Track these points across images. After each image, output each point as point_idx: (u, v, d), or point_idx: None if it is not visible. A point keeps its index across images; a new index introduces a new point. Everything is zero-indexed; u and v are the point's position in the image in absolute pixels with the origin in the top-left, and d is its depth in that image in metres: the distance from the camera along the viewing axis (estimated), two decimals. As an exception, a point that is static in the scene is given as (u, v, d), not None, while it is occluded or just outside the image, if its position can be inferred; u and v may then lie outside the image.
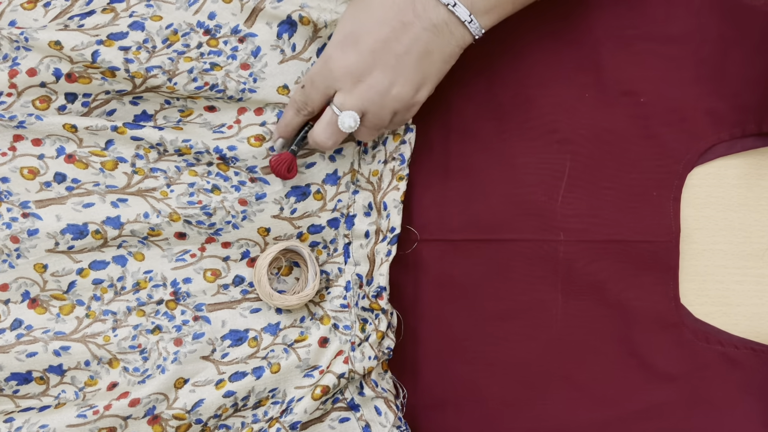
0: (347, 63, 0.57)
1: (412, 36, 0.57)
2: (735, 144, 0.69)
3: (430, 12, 0.56)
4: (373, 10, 0.56)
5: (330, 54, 0.57)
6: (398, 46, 0.57)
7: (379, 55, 0.57)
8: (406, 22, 0.56)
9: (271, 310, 0.65)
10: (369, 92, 0.58)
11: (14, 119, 0.62)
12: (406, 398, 0.68)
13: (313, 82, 0.59)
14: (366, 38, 0.56)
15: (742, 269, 0.70)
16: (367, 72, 0.57)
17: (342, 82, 0.58)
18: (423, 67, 0.58)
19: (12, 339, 0.62)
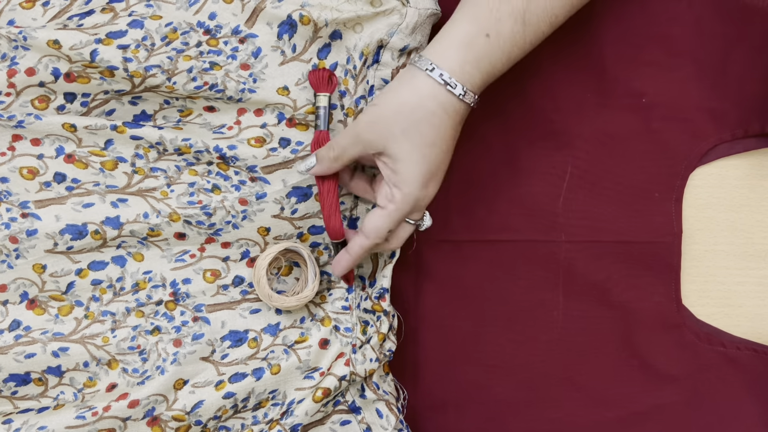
0: (433, 194, 0.61)
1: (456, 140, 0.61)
2: (737, 144, 0.69)
3: (466, 114, 0.60)
4: (437, 144, 0.59)
5: (416, 196, 0.60)
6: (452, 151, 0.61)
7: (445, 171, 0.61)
8: (457, 136, 0.61)
9: (270, 310, 0.65)
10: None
11: (13, 119, 0.61)
12: (407, 400, 0.67)
13: (400, 220, 0.61)
14: (440, 169, 0.60)
15: (744, 270, 0.70)
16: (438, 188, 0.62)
17: (423, 206, 0.62)
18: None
19: (10, 340, 0.62)
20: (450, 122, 0.58)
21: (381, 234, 0.60)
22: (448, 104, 0.58)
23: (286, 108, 0.63)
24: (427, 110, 0.58)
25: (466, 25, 0.58)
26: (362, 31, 0.64)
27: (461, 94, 0.58)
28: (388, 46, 0.64)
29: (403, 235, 0.62)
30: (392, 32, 0.63)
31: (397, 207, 0.59)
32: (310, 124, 0.64)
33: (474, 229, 0.68)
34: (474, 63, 0.58)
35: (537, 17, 0.58)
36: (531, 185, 0.68)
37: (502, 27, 0.57)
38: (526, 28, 0.58)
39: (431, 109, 0.58)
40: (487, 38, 0.58)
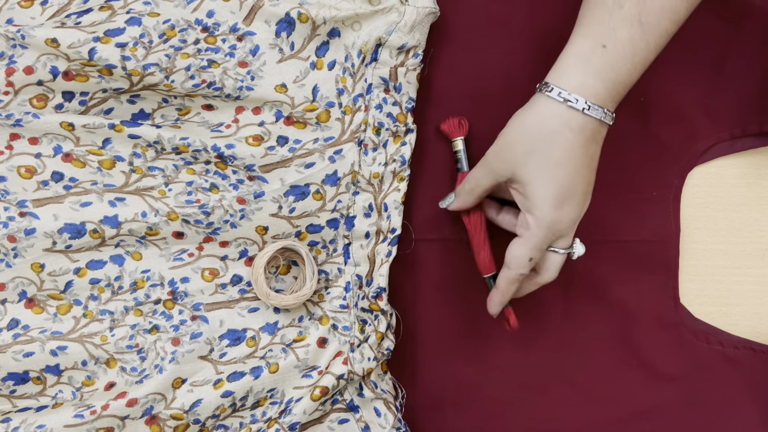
0: (572, 218, 0.58)
1: (597, 160, 0.59)
2: (735, 143, 0.69)
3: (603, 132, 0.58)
4: (564, 163, 0.56)
5: (552, 219, 0.57)
6: (594, 175, 0.59)
7: (588, 192, 0.59)
8: (593, 155, 0.58)
9: (269, 309, 0.65)
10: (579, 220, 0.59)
11: (11, 117, 0.61)
12: (405, 398, 0.67)
13: (541, 249, 0.58)
14: (577, 189, 0.57)
15: (742, 269, 0.70)
16: (583, 211, 0.59)
17: (566, 232, 0.59)
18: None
19: (9, 339, 0.62)
20: (578, 140, 0.56)
21: (521, 263, 0.58)
22: (572, 121, 0.55)
23: (284, 106, 0.63)
24: (551, 130, 0.56)
25: (581, 41, 0.56)
26: (361, 29, 0.64)
27: (584, 108, 0.55)
28: (386, 44, 0.64)
29: (551, 267, 0.60)
30: (391, 30, 0.63)
31: (532, 233, 0.57)
32: (308, 122, 0.64)
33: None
34: (595, 75, 0.55)
35: (655, 16, 0.55)
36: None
37: (618, 34, 0.55)
38: (644, 28, 0.55)
39: (554, 128, 0.56)
40: (604, 49, 0.55)
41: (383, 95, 0.65)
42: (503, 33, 0.67)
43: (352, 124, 0.64)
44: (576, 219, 0.58)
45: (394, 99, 0.65)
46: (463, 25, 0.67)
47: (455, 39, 0.67)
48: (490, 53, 0.67)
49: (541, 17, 0.68)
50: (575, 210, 0.58)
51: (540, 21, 0.68)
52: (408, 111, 0.65)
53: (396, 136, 0.65)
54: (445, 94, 0.67)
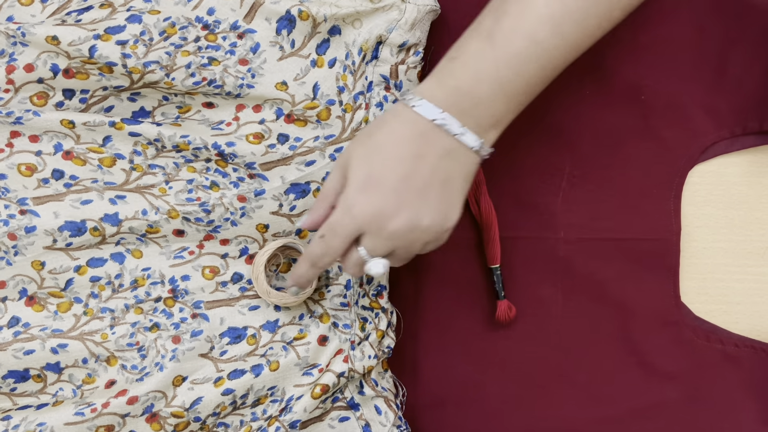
0: (372, 207, 0.55)
1: (429, 167, 0.55)
2: (736, 142, 0.69)
3: (442, 140, 0.55)
4: (384, 150, 0.55)
5: (351, 201, 0.55)
6: (419, 179, 0.55)
7: (403, 193, 0.55)
8: (420, 155, 0.55)
9: (269, 307, 0.65)
10: (398, 233, 0.56)
11: (11, 115, 0.61)
12: (406, 397, 0.67)
13: (335, 231, 0.56)
14: (386, 178, 0.55)
15: (743, 267, 0.70)
16: (394, 212, 0.55)
17: (368, 226, 0.55)
18: (447, 193, 0.56)
19: (9, 336, 0.62)
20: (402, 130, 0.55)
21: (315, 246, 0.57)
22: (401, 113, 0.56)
23: (284, 104, 0.63)
24: (382, 120, 0.57)
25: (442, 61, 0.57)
26: (361, 26, 0.64)
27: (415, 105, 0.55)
28: (387, 42, 0.64)
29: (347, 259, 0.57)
30: (391, 28, 0.63)
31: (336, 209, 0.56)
32: (308, 120, 0.64)
33: (472, 226, 0.68)
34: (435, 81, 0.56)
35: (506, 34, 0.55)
36: (530, 182, 0.68)
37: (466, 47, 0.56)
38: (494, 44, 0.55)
39: (385, 119, 0.57)
40: (452, 60, 0.56)
41: (384, 93, 0.64)
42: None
43: (352, 122, 0.64)
44: (379, 215, 0.55)
45: (395, 97, 0.65)
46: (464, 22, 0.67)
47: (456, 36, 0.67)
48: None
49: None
50: (378, 202, 0.55)
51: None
52: (408, 109, 0.65)
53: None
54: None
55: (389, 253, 0.57)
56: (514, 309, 0.67)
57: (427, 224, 0.56)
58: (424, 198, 0.55)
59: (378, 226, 0.55)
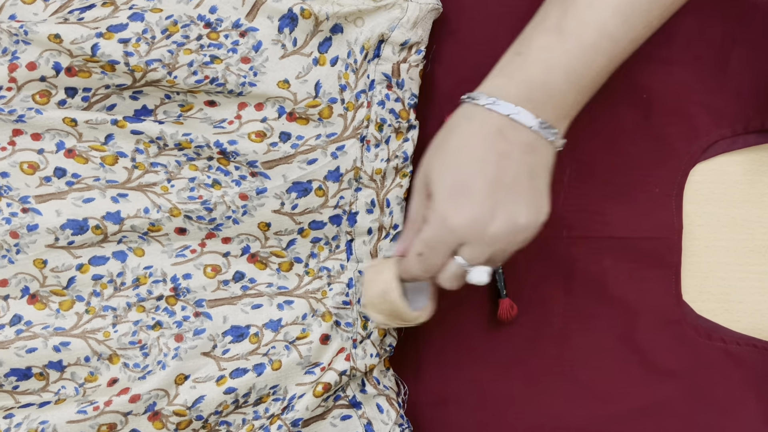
0: (468, 215, 0.53)
1: (515, 163, 0.54)
2: (737, 140, 0.69)
3: (521, 135, 0.54)
4: (464, 154, 0.54)
5: (444, 213, 0.53)
6: (507, 178, 0.54)
7: (495, 195, 0.53)
8: (503, 152, 0.54)
9: (272, 306, 0.65)
10: (498, 236, 0.54)
11: (14, 113, 0.61)
12: (408, 395, 0.67)
13: (433, 247, 0.55)
14: (474, 182, 0.53)
15: (745, 266, 0.70)
16: (490, 216, 0.53)
17: (467, 235, 0.54)
18: (535, 187, 0.55)
19: (11, 335, 0.62)
20: (477, 129, 0.54)
21: (410, 255, 0.56)
22: (473, 114, 0.55)
23: (286, 102, 0.63)
24: (454, 124, 0.56)
25: (505, 55, 0.57)
26: (363, 25, 0.64)
27: (487, 103, 0.55)
28: (389, 40, 0.64)
29: (445, 272, 0.56)
30: (393, 26, 0.63)
31: (427, 224, 0.54)
32: (310, 118, 0.64)
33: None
34: (504, 76, 0.56)
35: (576, 27, 0.55)
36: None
37: (533, 42, 0.56)
38: (563, 37, 0.55)
39: (457, 122, 0.56)
40: (518, 55, 0.56)
41: (386, 91, 0.65)
42: (506, 29, 0.67)
43: (354, 120, 0.64)
44: (478, 222, 0.53)
45: (397, 95, 0.65)
46: (466, 21, 0.67)
47: (458, 35, 0.67)
48: (493, 49, 0.67)
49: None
50: (474, 210, 0.53)
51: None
52: (410, 107, 0.65)
53: (398, 133, 0.65)
54: (448, 91, 0.67)
55: (488, 258, 0.56)
56: (515, 307, 0.67)
57: (524, 222, 0.55)
58: (516, 195, 0.54)
59: (477, 234, 0.54)
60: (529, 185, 0.55)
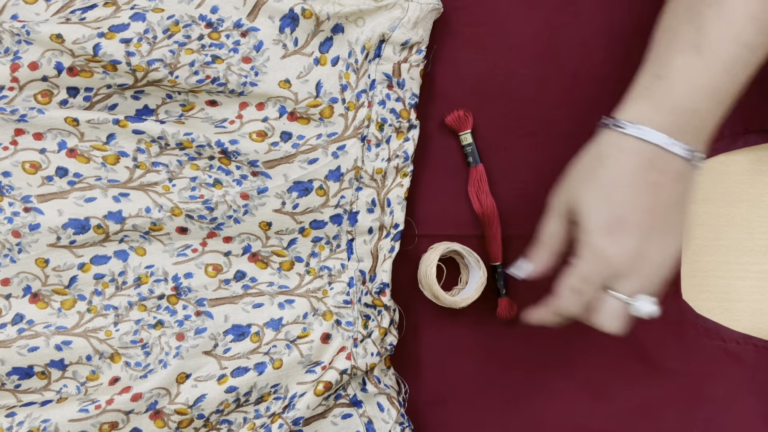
0: (627, 249, 0.52)
1: (667, 193, 0.53)
2: (737, 140, 0.69)
3: (673, 164, 0.53)
4: (618, 186, 0.53)
5: (601, 247, 0.52)
6: (661, 209, 0.53)
7: (651, 227, 0.53)
8: (656, 183, 0.53)
9: (273, 305, 0.65)
10: (654, 266, 0.53)
11: (16, 113, 0.62)
12: (408, 394, 0.68)
13: (590, 281, 0.53)
14: (631, 216, 0.52)
15: (744, 265, 0.70)
16: (646, 248, 0.53)
17: (627, 269, 0.53)
18: (684, 213, 0.55)
19: (13, 333, 0.62)
20: (630, 161, 0.53)
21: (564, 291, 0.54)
22: (624, 144, 0.53)
23: (287, 101, 0.63)
24: (604, 155, 0.53)
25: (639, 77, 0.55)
26: (364, 24, 0.64)
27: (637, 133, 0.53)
28: (389, 40, 0.64)
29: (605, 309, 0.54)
30: (394, 26, 0.64)
31: (580, 259, 0.53)
32: (311, 118, 0.64)
33: (475, 224, 0.68)
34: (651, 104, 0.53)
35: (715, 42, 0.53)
36: (533, 180, 0.68)
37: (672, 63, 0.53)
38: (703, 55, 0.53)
39: (607, 153, 0.53)
40: (658, 78, 0.54)
41: (386, 91, 0.65)
42: (507, 29, 0.68)
43: (355, 120, 0.64)
44: (635, 255, 0.52)
45: (398, 95, 0.65)
46: (467, 20, 0.68)
47: (459, 35, 0.68)
48: (494, 49, 0.68)
49: (545, 12, 0.68)
50: (632, 242, 0.52)
51: (543, 16, 0.68)
52: (411, 107, 0.65)
53: (399, 132, 0.65)
54: (449, 90, 0.67)
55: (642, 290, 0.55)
56: (515, 306, 0.68)
57: (677, 248, 0.54)
58: (669, 224, 0.54)
59: (635, 266, 0.53)
60: (679, 212, 0.54)
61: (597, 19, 0.68)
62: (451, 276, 0.68)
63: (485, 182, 0.67)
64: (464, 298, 0.65)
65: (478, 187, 0.67)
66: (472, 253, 0.66)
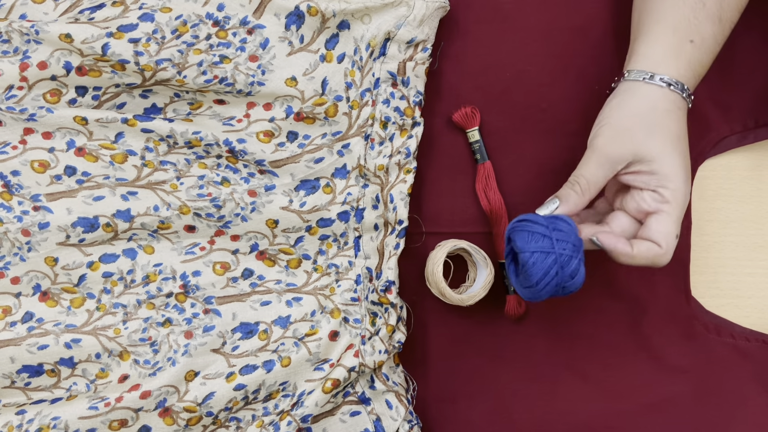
0: (689, 191, 0.59)
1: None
2: (747, 135, 0.69)
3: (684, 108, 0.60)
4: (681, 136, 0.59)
5: (685, 190, 0.58)
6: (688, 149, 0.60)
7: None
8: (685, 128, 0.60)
9: (281, 303, 0.65)
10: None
11: (25, 112, 0.62)
12: (416, 391, 0.68)
13: (680, 221, 0.58)
14: (690, 163, 0.59)
15: (754, 261, 0.69)
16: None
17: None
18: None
19: (23, 332, 0.62)
20: (685, 117, 0.59)
21: (671, 239, 0.57)
22: (679, 102, 0.58)
23: (294, 100, 0.64)
24: (665, 109, 0.58)
25: (668, 36, 0.59)
26: (370, 22, 0.64)
27: (683, 93, 0.58)
28: (395, 38, 0.64)
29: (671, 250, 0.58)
30: (400, 24, 0.64)
31: (674, 205, 0.57)
32: (317, 117, 0.64)
33: (482, 221, 0.68)
34: (687, 67, 0.59)
35: (731, 12, 0.59)
36: (540, 177, 0.68)
37: (703, 31, 0.59)
38: (723, 24, 0.59)
39: (668, 108, 0.58)
40: (692, 44, 0.59)
41: (391, 89, 0.65)
42: (512, 26, 0.68)
43: (359, 119, 0.65)
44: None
45: (402, 93, 0.65)
46: (473, 18, 0.68)
47: (465, 33, 0.68)
48: (500, 46, 0.68)
49: (551, 10, 0.68)
50: (690, 186, 0.59)
51: (549, 14, 0.68)
52: (416, 105, 0.65)
53: (403, 130, 0.65)
54: (456, 88, 0.67)
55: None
56: (523, 304, 0.67)
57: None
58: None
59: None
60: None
61: (604, 15, 0.68)
62: (458, 273, 0.68)
63: (493, 179, 0.67)
64: (471, 296, 0.65)
65: (485, 184, 0.67)
66: (479, 251, 0.65)
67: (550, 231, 0.56)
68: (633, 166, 0.58)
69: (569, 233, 0.56)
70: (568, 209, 0.58)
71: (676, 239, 0.57)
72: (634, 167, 0.58)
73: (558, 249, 0.55)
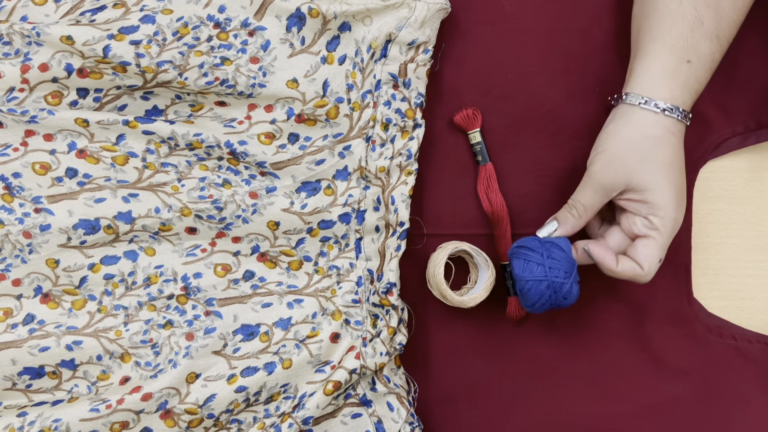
0: (682, 217, 0.61)
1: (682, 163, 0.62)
2: (749, 137, 0.69)
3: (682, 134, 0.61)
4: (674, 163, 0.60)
5: (675, 217, 0.60)
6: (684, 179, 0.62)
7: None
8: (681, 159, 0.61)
9: (282, 305, 0.65)
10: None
11: (26, 114, 0.62)
12: (418, 393, 0.68)
13: (666, 249, 0.61)
14: (684, 189, 0.61)
15: (756, 263, 0.69)
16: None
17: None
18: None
19: (24, 333, 0.62)
20: (679, 143, 0.60)
21: (653, 263, 0.60)
22: (673, 127, 0.59)
23: (295, 102, 0.64)
24: (657, 136, 0.59)
25: (664, 56, 0.59)
26: (371, 23, 0.64)
27: (679, 116, 0.59)
28: (396, 40, 0.64)
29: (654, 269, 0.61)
30: (401, 26, 0.64)
31: (661, 232, 0.59)
32: (318, 119, 0.64)
33: (483, 223, 0.68)
34: (683, 88, 0.59)
35: (728, 30, 0.60)
36: (541, 179, 0.68)
37: (701, 49, 0.59)
38: (721, 42, 0.60)
39: (660, 135, 0.59)
40: (689, 64, 0.59)
41: (392, 91, 0.65)
42: (514, 28, 0.68)
43: (360, 121, 0.65)
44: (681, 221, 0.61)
45: (403, 95, 0.65)
46: (474, 20, 0.68)
47: (466, 34, 0.68)
48: (501, 48, 0.68)
49: (552, 12, 0.68)
50: (683, 211, 0.60)
51: (550, 16, 0.68)
52: (417, 106, 0.65)
53: (404, 131, 0.65)
54: (457, 89, 0.67)
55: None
56: None
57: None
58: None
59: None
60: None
61: (605, 16, 0.68)
62: (460, 275, 0.68)
63: (494, 181, 0.67)
64: (473, 298, 0.65)
65: (487, 186, 0.67)
66: (480, 253, 0.65)
67: (544, 259, 0.61)
68: (626, 194, 0.60)
69: (562, 260, 0.61)
70: (566, 231, 0.62)
71: (659, 263, 0.60)
72: (627, 195, 0.60)
73: (551, 276, 0.60)
